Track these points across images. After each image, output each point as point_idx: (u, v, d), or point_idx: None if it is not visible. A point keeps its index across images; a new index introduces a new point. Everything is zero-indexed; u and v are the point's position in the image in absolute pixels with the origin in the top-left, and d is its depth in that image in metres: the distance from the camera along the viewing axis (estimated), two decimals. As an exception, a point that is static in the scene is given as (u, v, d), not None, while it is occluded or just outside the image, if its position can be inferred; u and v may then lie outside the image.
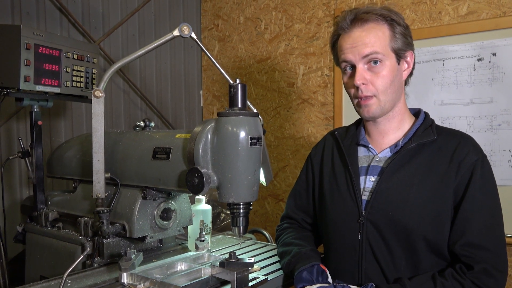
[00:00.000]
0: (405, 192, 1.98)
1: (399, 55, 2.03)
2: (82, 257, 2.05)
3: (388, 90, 2.02)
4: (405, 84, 2.16)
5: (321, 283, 1.98)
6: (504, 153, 3.22)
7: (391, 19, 2.01)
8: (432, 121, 2.12)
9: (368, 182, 2.10)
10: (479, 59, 3.30)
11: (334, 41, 2.15)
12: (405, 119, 2.14)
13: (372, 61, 2.00)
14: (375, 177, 2.09)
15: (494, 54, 3.24)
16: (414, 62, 2.13)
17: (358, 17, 2.03)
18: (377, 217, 2.02)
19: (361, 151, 2.20)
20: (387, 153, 2.11)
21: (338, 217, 2.16)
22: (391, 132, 2.14)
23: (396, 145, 2.10)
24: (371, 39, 1.99)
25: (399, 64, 2.05)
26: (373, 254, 2.02)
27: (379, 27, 2.01)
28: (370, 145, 2.16)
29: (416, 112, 2.20)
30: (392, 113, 2.11)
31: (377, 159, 2.12)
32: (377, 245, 2.01)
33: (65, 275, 1.84)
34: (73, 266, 1.90)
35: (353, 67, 2.05)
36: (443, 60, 3.46)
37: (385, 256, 2.00)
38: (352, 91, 2.09)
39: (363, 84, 2.01)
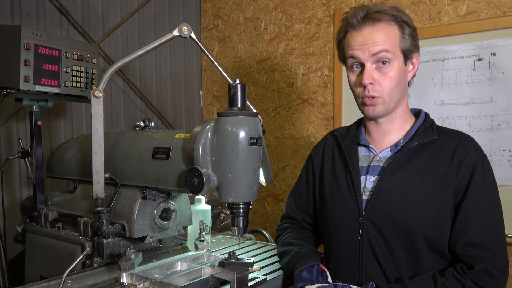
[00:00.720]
0: (405, 191, 1.98)
1: (407, 56, 2.03)
2: (81, 257, 2.05)
3: (394, 91, 2.02)
4: (408, 85, 2.16)
5: (321, 283, 1.98)
6: (503, 153, 3.22)
7: (401, 20, 2.01)
8: (433, 121, 2.12)
9: (368, 182, 2.10)
10: (479, 59, 3.30)
11: (341, 37, 2.13)
12: (407, 119, 2.14)
13: (381, 60, 1.99)
14: (376, 176, 2.08)
15: (494, 54, 3.24)
16: (418, 65, 2.13)
17: (370, 16, 2.01)
18: (377, 216, 2.01)
19: (362, 151, 2.19)
20: (387, 153, 2.11)
21: (338, 216, 2.15)
22: (392, 132, 2.13)
23: (396, 145, 2.10)
24: (382, 38, 1.98)
25: (405, 65, 2.04)
26: (374, 253, 2.02)
27: (390, 27, 2.00)
28: (370, 145, 2.16)
29: (416, 113, 2.20)
30: (394, 114, 2.10)
31: (378, 158, 2.12)
32: (378, 245, 2.01)
33: (64, 275, 1.84)
34: (72, 266, 1.89)
35: (361, 66, 2.04)
36: (443, 60, 3.46)
37: (386, 256, 2.00)
38: (358, 90, 2.07)
39: (371, 84, 2.00)
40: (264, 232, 3.13)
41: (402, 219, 1.96)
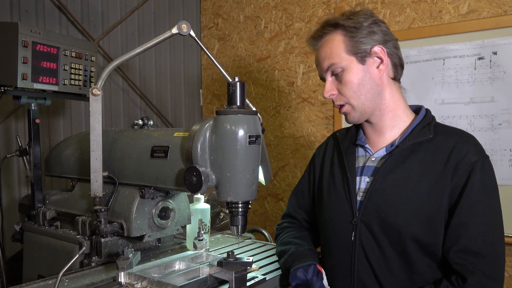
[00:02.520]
0: (399, 193, 1.95)
1: (362, 55, 2.02)
2: (78, 255, 2.04)
3: (358, 93, 2.03)
4: (395, 78, 2.11)
5: (315, 283, 1.97)
6: (504, 153, 3.21)
7: (342, 25, 2.03)
8: (432, 118, 2.07)
9: (363, 183, 2.08)
10: (480, 58, 3.29)
11: None
12: (399, 115, 2.10)
13: (334, 72, 2.05)
14: (370, 177, 2.07)
15: (495, 53, 3.23)
16: (396, 54, 2.09)
17: (315, 36, 2.12)
18: (370, 218, 1.99)
19: (360, 151, 2.18)
20: (383, 153, 2.09)
21: (333, 217, 2.14)
22: (386, 130, 2.10)
23: (392, 144, 2.07)
24: (326, 51, 2.06)
25: (364, 64, 2.03)
26: (366, 255, 2.00)
27: (332, 37, 2.05)
28: (366, 145, 2.14)
29: (417, 109, 2.17)
30: (380, 112, 2.08)
31: (373, 159, 2.10)
32: (370, 247, 1.99)
33: (60, 274, 1.83)
34: (69, 265, 1.88)
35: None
36: (444, 59, 3.44)
37: (378, 258, 1.97)
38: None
39: (332, 95, 2.09)
40: (264, 232, 3.11)
41: (393, 221, 1.93)
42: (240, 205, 1.90)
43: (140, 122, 2.42)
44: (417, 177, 1.94)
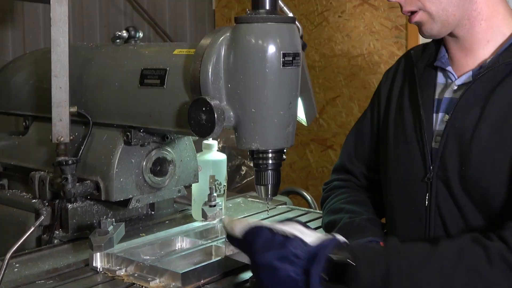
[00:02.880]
0: (486, 136, 1.89)
1: None
2: (33, 228, 2.04)
3: None
4: None
5: None
6: None
7: None
8: None
9: (440, 122, 2.04)
10: None
11: None
12: (496, 26, 2.02)
13: None
14: (449, 114, 2.02)
15: None
16: None
17: None
18: (449, 174, 1.95)
19: (440, 77, 2.13)
20: (468, 79, 2.02)
21: (401, 173, 2.12)
22: (478, 46, 2.03)
23: (482, 66, 2.01)
24: None
25: None
26: (444, 226, 1.97)
27: None
28: (448, 67, 2.08)
29: None
30: (469, 21, 2.01)
31: (455, 87, 2.04)
32: (449, 214, 1.95)
33: (8, 255, 1.81)
34: (20, 242, 1.87)
35: None
36: None
37: (460, 230, 1.93)
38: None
39: None
40: (305, 194, 3.11)
41: (479, 178, 1.88)
42: (270, 155, 1.89)
43: (125, 33, 2.40)
44: (509, 112, 1.88)
